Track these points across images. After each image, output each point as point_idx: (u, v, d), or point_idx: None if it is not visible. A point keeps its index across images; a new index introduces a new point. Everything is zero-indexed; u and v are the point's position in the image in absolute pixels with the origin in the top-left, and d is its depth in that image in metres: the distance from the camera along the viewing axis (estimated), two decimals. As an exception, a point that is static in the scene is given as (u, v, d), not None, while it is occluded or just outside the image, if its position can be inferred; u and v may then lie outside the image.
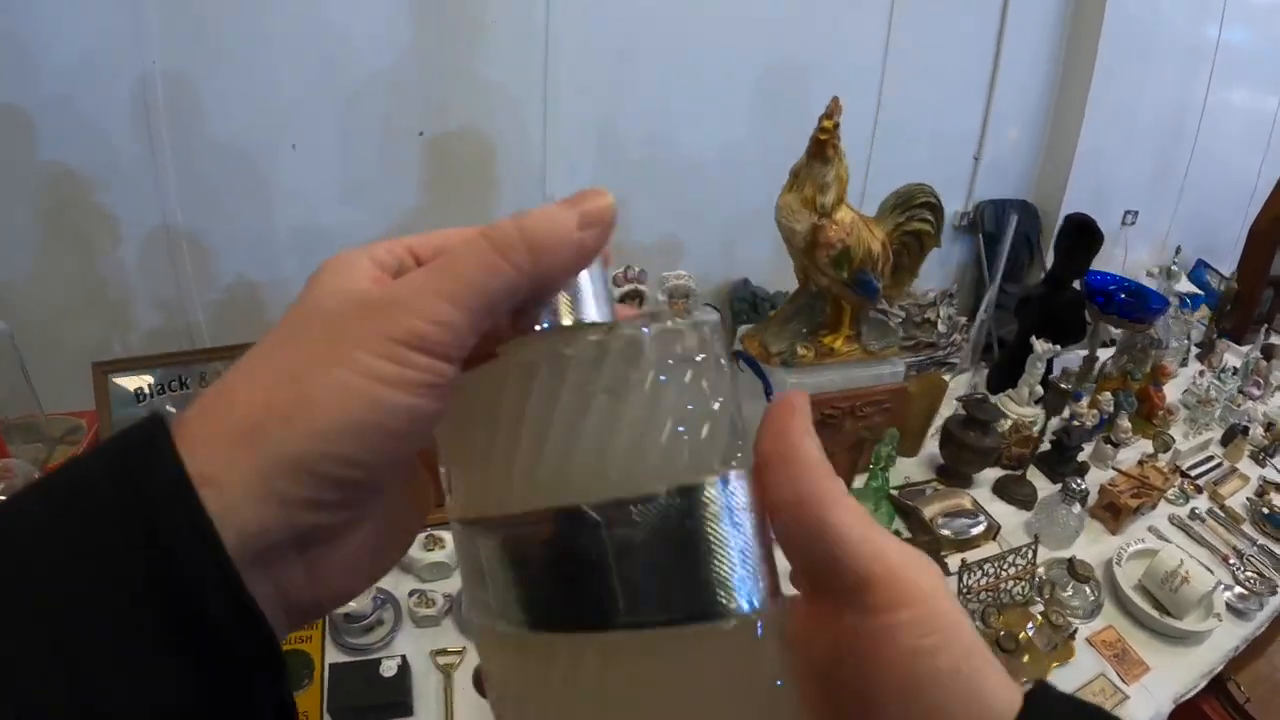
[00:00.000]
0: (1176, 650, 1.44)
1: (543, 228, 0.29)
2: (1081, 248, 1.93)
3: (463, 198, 2.80)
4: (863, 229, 1.54)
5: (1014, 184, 3.36)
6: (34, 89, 2.33)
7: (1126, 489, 1.69)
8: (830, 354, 1.63)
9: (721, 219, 2.86)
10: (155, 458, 0.26)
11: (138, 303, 2.67)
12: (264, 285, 2.72)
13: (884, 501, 1.52)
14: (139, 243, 2.58)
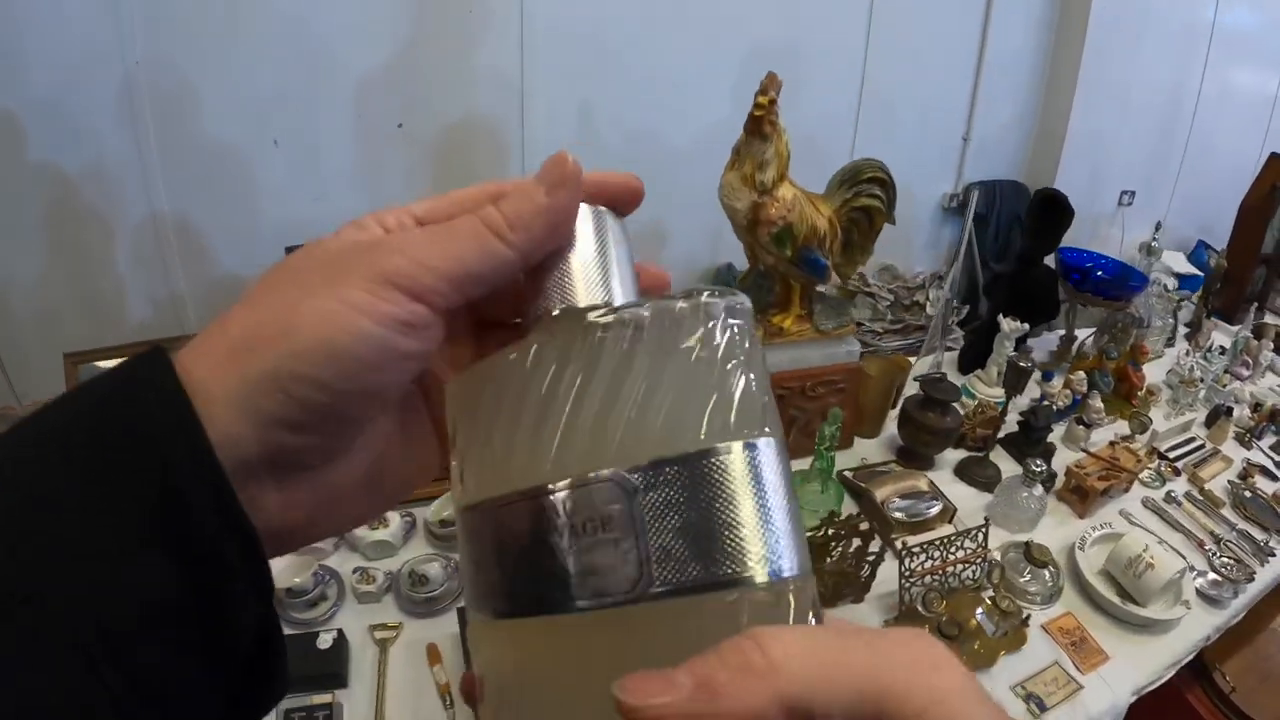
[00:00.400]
0: (1140, 639, 1.38)
1: (519, 204, 0.32)
2: (1051, 223, 1.86)
3: (443, 188, 2.78)
4: (806, 205, 1.49)
5: (1005, 165, 3.27)
6: (21, 91, 2.37)
7: (1095, 471, 1.63)
8: (780, 334, 1.58)
9: (705, 203, 2.78)
10: (152, 371, 0.28)
11: (129, 299, 2.70)
12: (251, 279, 2.72)
13: (830, 482, 1.47)
14: (128, 240, 2.63)
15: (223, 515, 0.27)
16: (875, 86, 2.97)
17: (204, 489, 0.27)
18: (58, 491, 0.26)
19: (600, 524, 0.27)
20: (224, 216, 2.67)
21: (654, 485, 0.27)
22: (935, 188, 3.24)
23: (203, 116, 2.53)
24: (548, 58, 2.70)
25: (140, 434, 0.27)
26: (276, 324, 0.29)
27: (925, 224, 3.31)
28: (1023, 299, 1.87)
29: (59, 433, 0.27)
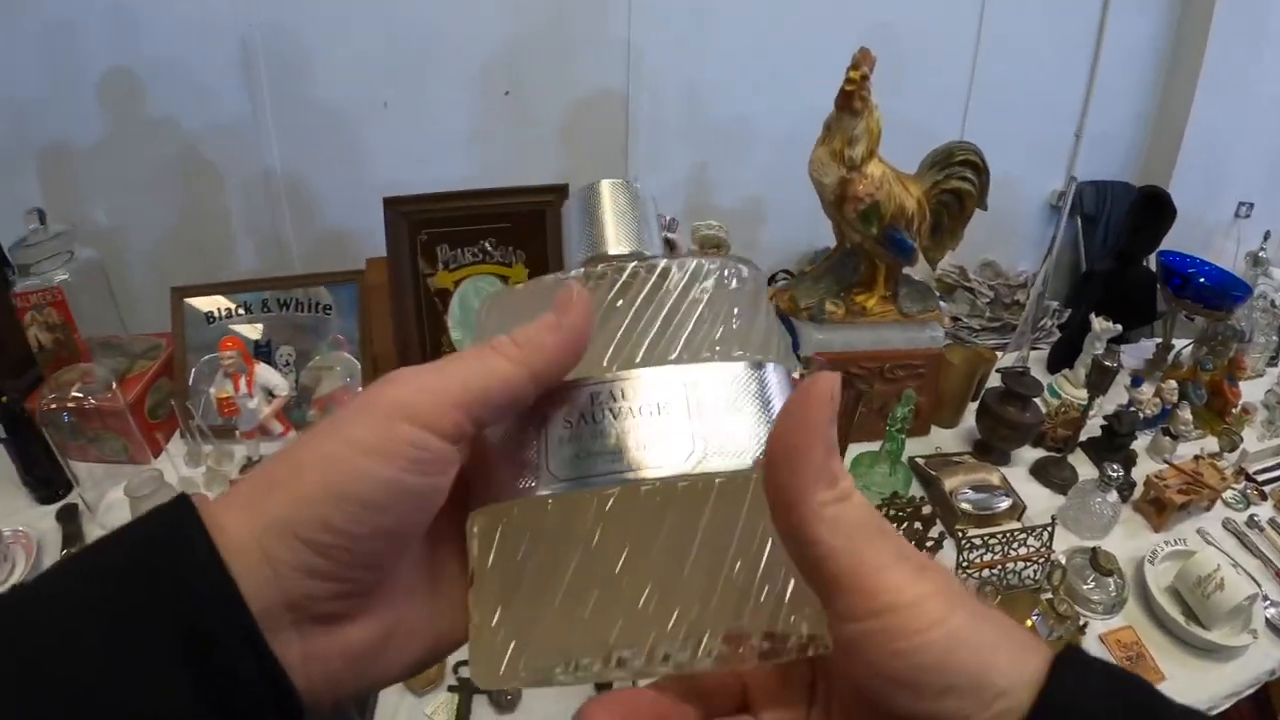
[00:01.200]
0: (1200, 663, 1.32)
1: (527, 327, 0.32)
2: (1152, 222, 1.79)
3: (546, 156, 2.84)
4: (894, 184, 1.47)
5: (1118, 165, 3.13)
6: (142, 50, 2.49)
7: (1175, 484, 1.57)
8: (862, 313, 1.56)
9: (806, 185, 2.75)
10: (183, 525, 0.28)
11: (239, 249, 2.86)
12: (356, 233, 2.86)
13: (899, 465, 1.46)
14: (240, 192, 2.77)
15: (259, 664, 0.28)
16: (986, 75, 2.88)
17: (238, 643, 0.27)
18: (89, 643, 0.26)
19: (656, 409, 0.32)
20: (332, 175, 2.78)
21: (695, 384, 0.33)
22: (1043, 184, 3.14)
23: (316, 78, 2.63)
24: (657, 31, 2.70)
25: (167, 591, 0.27)
26: (287, 470, 0.29)
27: (1031, 221, 3.21)
28: (1118, 300, 1.81)
29: (89, 587, 0.27)
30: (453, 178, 2.50)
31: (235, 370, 1.52)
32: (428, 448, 0.29)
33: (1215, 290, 1.85)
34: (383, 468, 0.28)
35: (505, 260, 1.56)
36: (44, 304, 1.66)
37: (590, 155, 2.84)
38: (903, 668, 0.27)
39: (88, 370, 1.58)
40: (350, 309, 1.69)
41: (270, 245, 2.83)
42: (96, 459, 1.64)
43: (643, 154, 2.85)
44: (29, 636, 0.26)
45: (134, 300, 1.75)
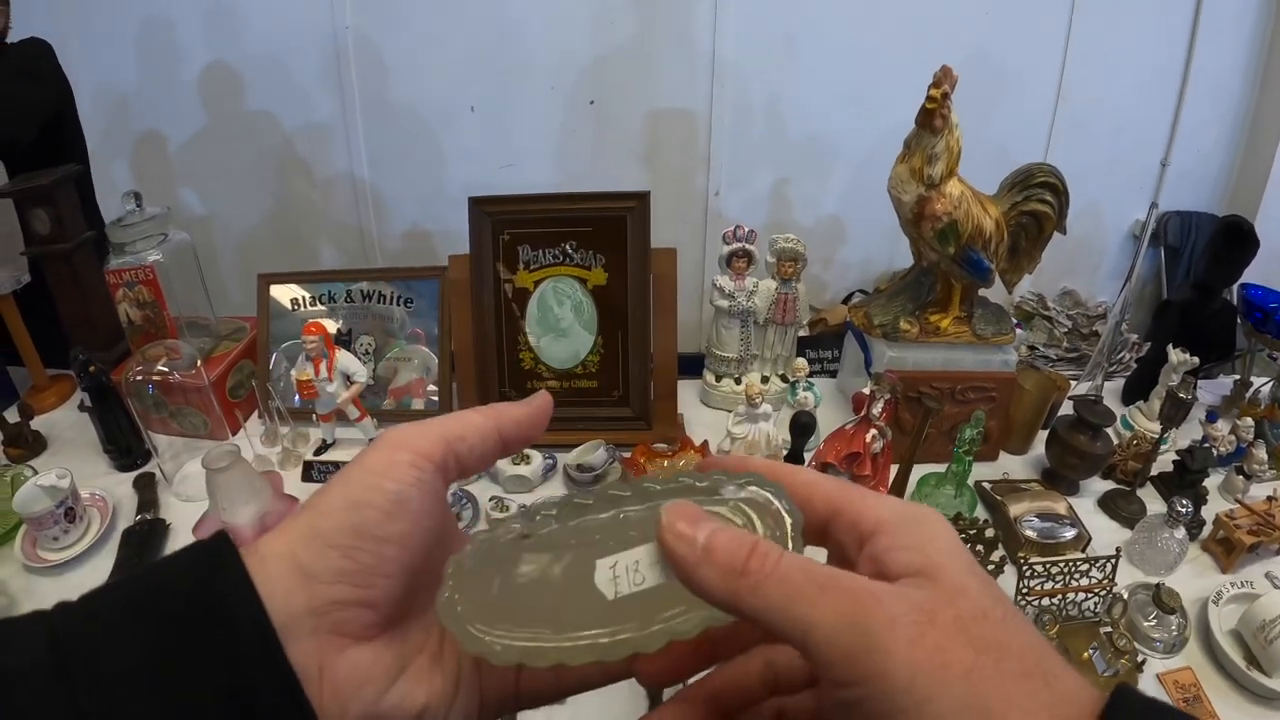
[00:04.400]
0: (1258, 711, 1.29)
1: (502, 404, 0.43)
2: (1233, 252, 1.75)
3: (628, 166, 2.88)
4: (973, 204, 1.47)
5: (1204, 196, 3.07)
6: (242, 48, 2.60)
7: (1246, 524, 1.55)
8: (936, 332, 1.57)
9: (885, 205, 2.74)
10: (223, 564, 0.33)
11: (323, 242, 2.95)
12: (435, 234, 2.94)
13: (965, 488, 1.46)
14: (328, 188, 2.87)
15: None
16: (1072, 101, 2.86)
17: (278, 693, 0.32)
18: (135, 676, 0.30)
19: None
20: (415, 176, 2.88)
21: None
22: (1126, 213, 3.09)
23: (404, 81, 2.73)
24: (742, 48, 2.72)
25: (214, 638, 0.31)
26: (315, 498, 0.37)
27: (1113, 251, 3.18)
28: (1195, 332, 1.78)
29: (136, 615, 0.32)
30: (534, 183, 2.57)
31: (317, 354, 1.57)
32: (422, 468, 0.37)
33: (1298, 328, 1.81)
34: (389, 483, 0.36)
35: (585, 263, 1.60)
36: (136, 281, 1.75)
37: (672, 167, 2.88)
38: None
39: (174, 347, 1.65)
40: (431, 304, 1.75)
41: (353, 241, 2.93)
42: (176, 432, 1.71)
43: (724, 168, 2.88)
44: (92, 688, 0.29)
45: (220, 285, 1.84)
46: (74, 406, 1.77)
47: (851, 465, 1.41)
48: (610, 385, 1.66)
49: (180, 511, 1.56)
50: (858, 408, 1.43)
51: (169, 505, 1.58)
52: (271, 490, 1.49)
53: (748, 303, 1.66)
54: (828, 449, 1.40)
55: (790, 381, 1.64)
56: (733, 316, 1.69)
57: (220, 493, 1.38)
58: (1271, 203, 2.92)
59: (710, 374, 1.78)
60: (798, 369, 1.59)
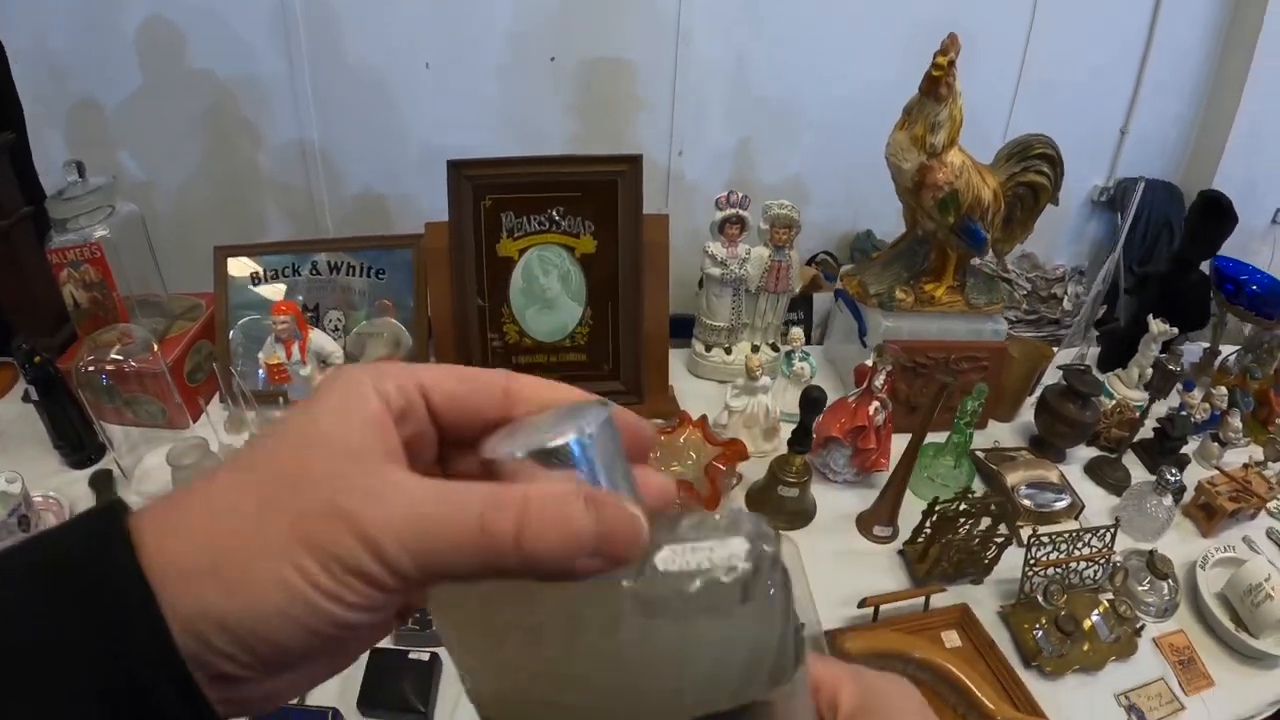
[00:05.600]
0: (1247, 670, 1.33)
1: (545, 545, 0.27)
2: (1211, 227, 1.78)
3: (589, 125, 2.80)
4: (973, 174, 1.45)
5: (1160, 164, 3.15)
6: (183, 1, 2.43)
7: (1226, 490, 1.58)
8: (930, 302, 1.55)
9: (849, 167, 2.77)
10: (115, 565, 0.26)
11: (270, 208, 2.81)
12: (390, 198, 2.82)
13: (964, 459, 1.45)
14: (276, 151, 2.73)
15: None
16: (1035, 69, 2.88)
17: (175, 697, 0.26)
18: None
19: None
20: (368, 136, 2.74)
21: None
22: (1085, 179, 3.15)
23: (354, 36, 2.59)
24: (706, 7, 2.66)
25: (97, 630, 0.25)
26: (233, 567, 0.27)
27: (1071, 216, 3.22)
28: (1172, 303, 1.80)
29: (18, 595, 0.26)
30: (492, 145, 2.49)
31: (288, 336, 1.46)
32: (380, 604, 0.28)
33: (1267, 298, 1.85)
34: (335, 609, 0.27)
35: (573, 230, 1.53)
36: (81, 261, 1.57)
37: (635, 125, 2.81)
38: None
39: (127, 331, 1.51)
40: (405, 275, 1.67)
41: (302, 206, 2.79)
42: (132, 422, 1.56)
43: (688, 127, 2.81)
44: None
45: (164, 258, 1.70)
46: (17, 398, 1.63)
47: (857, 439, 1.38)
48: (600, 358, 1.61)
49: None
50: (859, 380, 1.41)
51: (131, 503, 1.48)
52: None
53: (740, 270, 1.62)
54: (830, 421, 1.37)
55: (785, 352, 1.61)
56: (724, 285, 1.65)
57: None
58: (1225, 173, 2.99)
59: (699, 343, 1.75)
60: (794, 339, 1.55)
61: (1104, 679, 1.24)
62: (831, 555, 1.30)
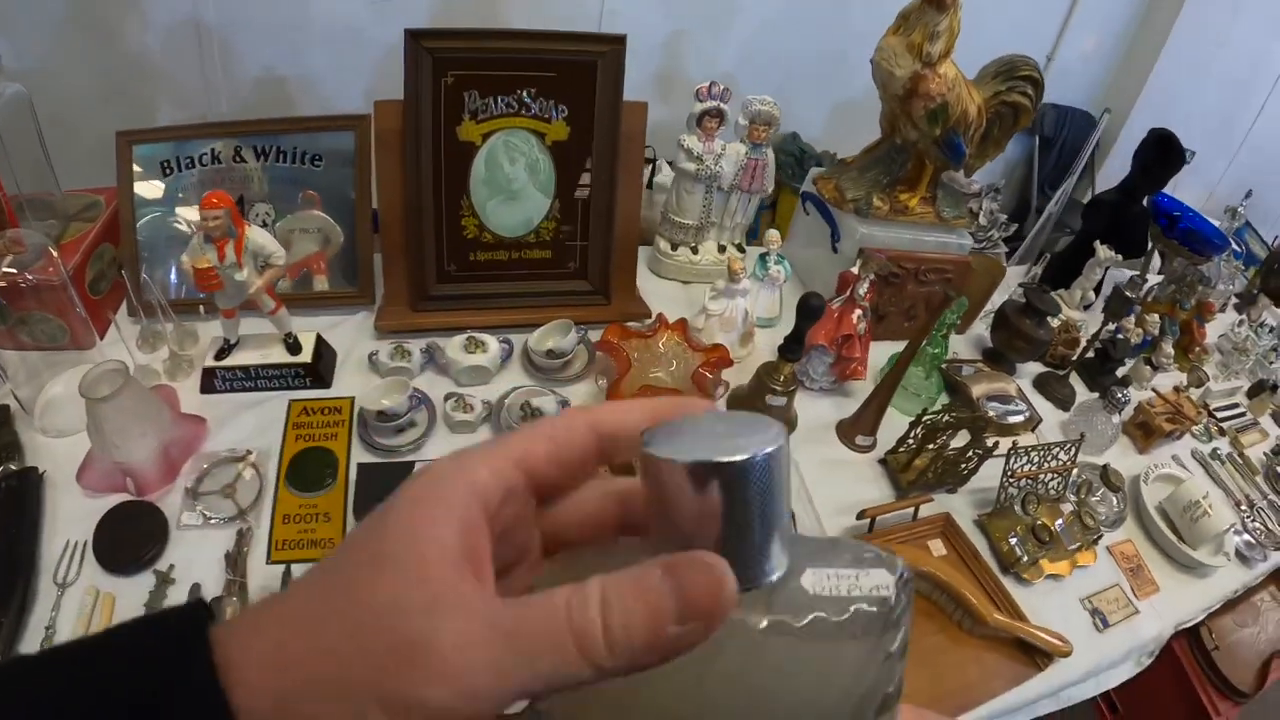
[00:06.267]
0: (1185, 579, 1.41)
1: (638, 631, 0.26)
2: (1160, 164, 1.83)
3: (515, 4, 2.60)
4: (964, 88, 1.42)
5: (1078, 94, 3.22)
6: None
7: (1162, 412, 1.64)
8: (904, 211, 1.53)
9: (779, 69, 2.70)
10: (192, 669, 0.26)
11: (160, 94, 2.51)
12: (292, 79, 2.57)
13: (935, 372, 1.44)
14: (166, 31, 2.41)
15: None
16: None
17: None
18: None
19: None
20: (269, 11, 2.45)
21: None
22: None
23: None
24: None
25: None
26: (302, 665, 0.26)
27: (991, 136, 3.25)
28: (1118, 231, 1.84)
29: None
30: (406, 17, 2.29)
31: (222, 234, 1.22)
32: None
33: (1198, 236, 1.92)
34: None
35: (544, 115, 1.42)
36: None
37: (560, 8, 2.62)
38: None
39: (16, 237, 1.29)
40: (344, 161, 1.51)
41: (196, 92, 2.51)
42: (28, 346, 1.36)
43: (618, 9, 2.64)
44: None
45: (55, 156, 1.49)
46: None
47: (842, 347, 1.35)
48: (566, 256, 1.51)
49: (53, 453, 1.25)
50: (842, 287, 1.38)
51: (36, 446, 1.26)
52: (170, 412, 1.24)
53: (715, 166, 1.55)
54: (817, 329, 1.33)
55: (760, 254, 1.55)
56: (697, 181, 1.57)
57: (108, 426, 1.12)
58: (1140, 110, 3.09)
59: (664, 241, 1.67)
60: (770, 241, 1.50)
61: (1070, 584, 1.28)
62: (817, 464, 1.28)
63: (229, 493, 1.20)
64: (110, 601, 1.07)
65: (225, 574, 1.10)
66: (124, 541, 1.12)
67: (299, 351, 1.37)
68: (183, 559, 1.12)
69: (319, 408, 1.34)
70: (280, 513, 1.19)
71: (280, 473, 1.24)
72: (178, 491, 1.20)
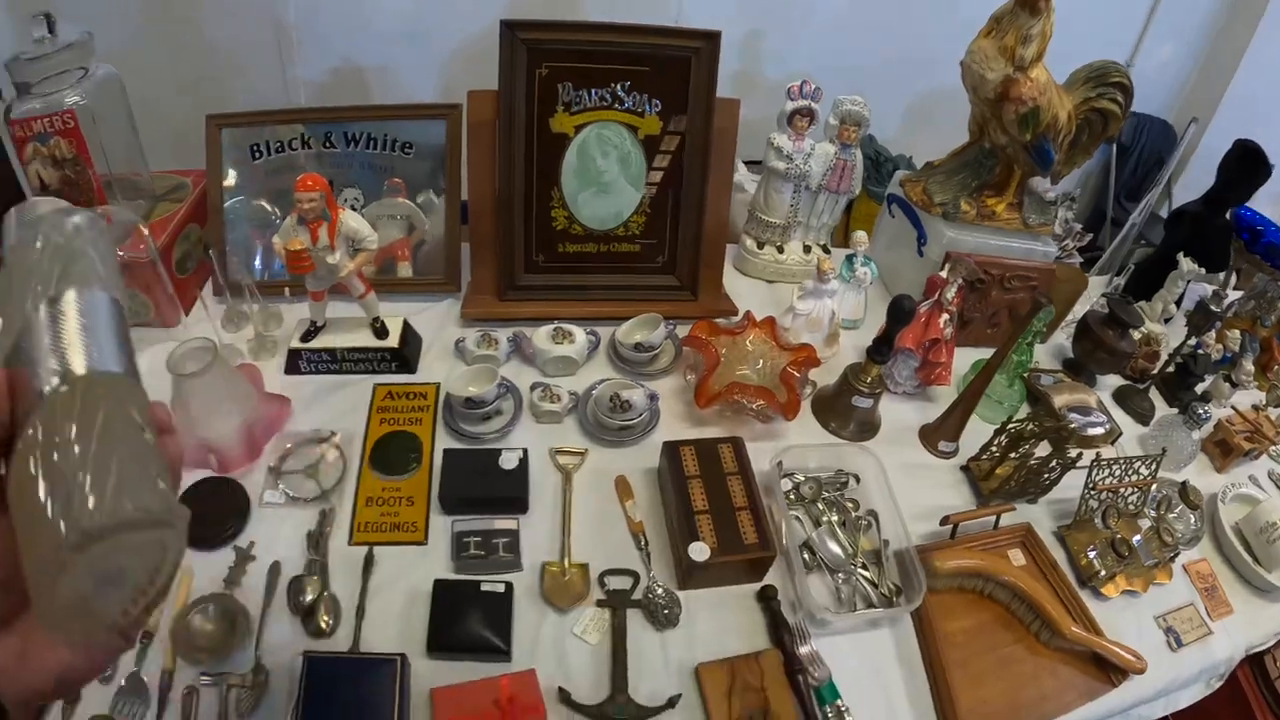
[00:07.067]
0: (1259, 602, 1.38)
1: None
2: (1246, 176, 1.80)
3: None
4: (1055, 93, 1.41)
5: (1155, 102, 3.16)
6: None
7: (1241, 430, 1.61)
8: (991, 217, 1.52)
9: (853, 70, 2.67)
10: None
11: (240, 82, 2.53)
12: (370, 70, 2.59)
13: (1018, 381, 1.44)
14: (247, 22, 2.44)
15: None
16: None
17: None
18: None
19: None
20: (348, 2, 2.47)
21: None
22: (1083, 109, 3.14)
23: None
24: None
25: None
26: None
27: (1065, 144, 3.21)
28: (1201, 243, 1.81)
29: None
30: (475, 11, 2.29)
31: (315, 217, 1.23)
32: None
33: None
34: None
35: (637, 109, 1.43)
36: (50, 133, 1.38)
37: (634, 6, 2.61)
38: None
39: (106, 214, 1.33)
40: (434, 150, 1.53)
41: (274, 84, 2.53)
42: None
43: (692, 7, 2.63)
44: None
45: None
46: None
47: (929, 352, 1.35)
48: (655, 250, 1.53)
49: None
50: (930, 291, 1.37)
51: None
52: (255, 391, 1.26)
53: (805, 165, 1.56)
54: (904, 333, 1.33)
55: (847, 255, 1.56)
56: (786, 179, 1.58)
57: (194, 402, 1.13)
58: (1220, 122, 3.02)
59: (750, 239, 1.68)
60: (858, 243, 1.50)
61: (1147, 601, 1.27)
62: (900, 469, 1.28)
63: (312, 473, 1.22)
64: (189, 577, 1.10)
65: (306, 553, 1.12)
66: (205, 517, 1.14)
67: (386, 336, 1.39)
68: (264, 536, 1.15)
69: (404, 392, 1.36)
70: (363, 495, 1.21)
71: (364, 455, 1.26)
72: (260, 470, 1.23)
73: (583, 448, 1.28)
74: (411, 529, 1.17)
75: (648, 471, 1.26)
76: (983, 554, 1.18)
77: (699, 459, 1.18)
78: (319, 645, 1.03)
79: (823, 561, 1.17)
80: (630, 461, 1.27)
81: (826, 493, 1.25)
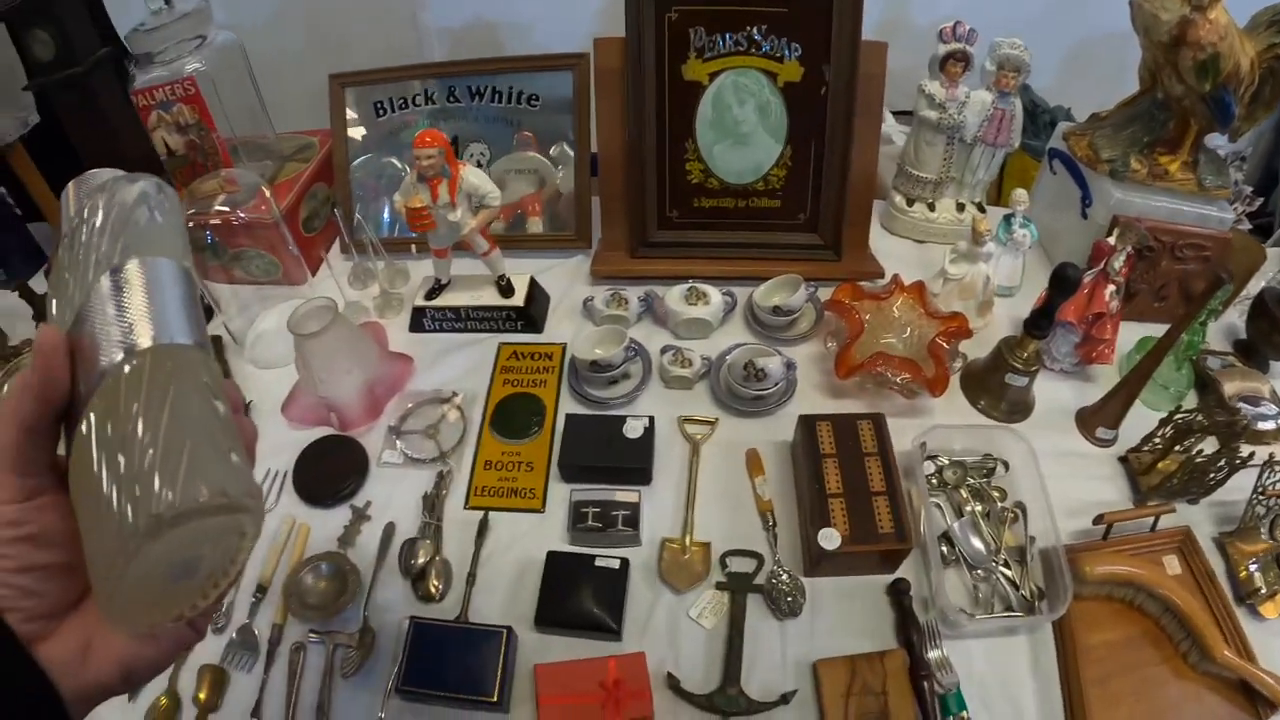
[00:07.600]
0: None
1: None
2: None
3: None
4: (1236, 38, 1.25)
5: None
6: None
7: None
8: (1163, 176, 1.38)
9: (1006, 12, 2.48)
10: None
11: (373, 41, 2.50)
12: (503, 25, 2.54)
13: (1187, 364, 1.31)
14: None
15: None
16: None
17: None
18: None
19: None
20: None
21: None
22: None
23: None
24: None
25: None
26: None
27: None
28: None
29: None
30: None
31: (436, 173, 1.21)
32: (19, 489, 0.42)
33: None
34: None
35: (776, 54, 1.33)
36: (172, 100, 1.42)
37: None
38: None
39: (230, 177, 1.37)
40: (561, 102, 1.47)
41: (405, 35, 2.51)
42: (242, 280, 1.45)
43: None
44: None
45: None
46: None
47: (1092, 326, 1.24)
48: (796, 207, 1.44)
49: (261, 384, 1.32)
50: (1097, 258, 1.26)
51: (245, 376, 1.34)
52: (377, 349, 1.27)
53: (959, 115, 1.44)
54: (1065, 305, 1.22)
55: (1005, 215, 1.43)
56: (939, 131, 1.47)
57: (315, 361, 1.15)
58: None
59: (899, 196, 1.58)
60: (1017, 201, 1.38)
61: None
62: (1051, 455, 1.17)
63: (432, 433, 1.22)
64: (305, 532, 1.12)
65: (421, 516, 1.12)
66: (324, 474, 1.17)
67: (511, 294, 1.37)
68: (380, 496, 1.15)
69: (529, 352, 1.34)
70: (482, 458, 1.19)
71: (485, 417, 1.25)
72: (380, 429, 1.24)
73: (713, 417, 1.23)
74: (529, 495, 1.14)
75: (780, 445, 1.20)
76: (1137, 560, 1.08)
77: (836, 436, 1.10)
78: (427, 610, 1.03)
79: (962, 556, 1.08)
80: (762, 434, 1.21)
81: (971, 479, 1.16)
